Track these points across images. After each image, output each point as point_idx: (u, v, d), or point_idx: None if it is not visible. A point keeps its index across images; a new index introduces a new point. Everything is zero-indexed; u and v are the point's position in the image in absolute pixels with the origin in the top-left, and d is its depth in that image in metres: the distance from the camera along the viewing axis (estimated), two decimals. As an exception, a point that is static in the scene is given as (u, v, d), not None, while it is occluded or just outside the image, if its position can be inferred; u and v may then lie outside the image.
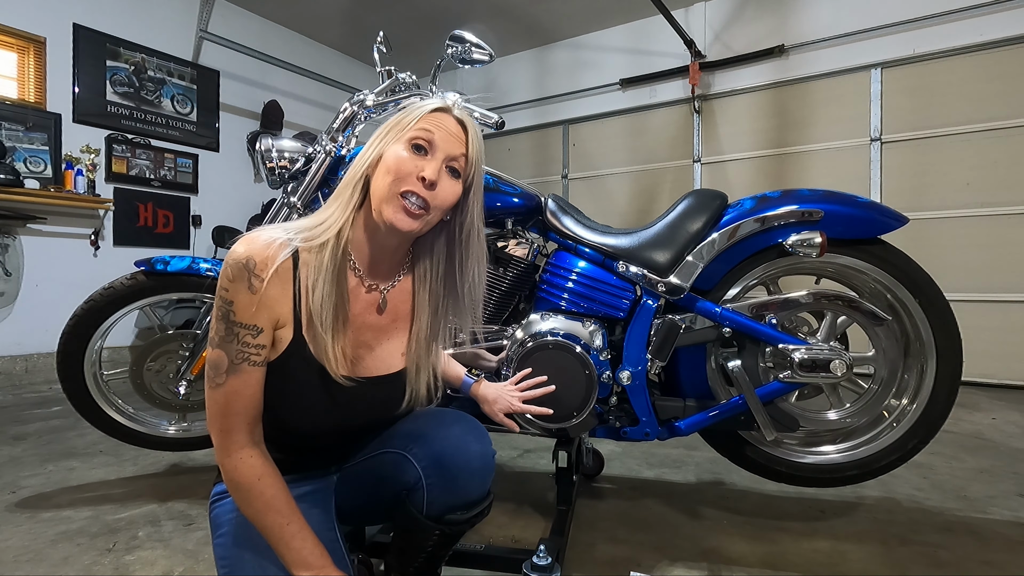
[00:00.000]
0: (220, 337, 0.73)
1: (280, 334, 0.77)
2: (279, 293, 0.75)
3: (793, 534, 1.37)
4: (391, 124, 0.80)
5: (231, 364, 0.73)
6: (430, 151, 0.78)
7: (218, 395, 0.74)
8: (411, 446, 0.84)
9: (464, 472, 0.82)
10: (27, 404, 2.74)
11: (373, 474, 0.88)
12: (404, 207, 0.75)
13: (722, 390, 1.40)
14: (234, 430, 0.74)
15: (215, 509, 0.85)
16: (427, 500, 0.82)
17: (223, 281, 0.73)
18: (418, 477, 0.82)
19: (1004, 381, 3.31)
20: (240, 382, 0.74)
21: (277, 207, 1.57)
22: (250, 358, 0.74)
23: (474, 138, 0.81)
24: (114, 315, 1.60)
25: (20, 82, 3.46)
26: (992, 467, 1.86)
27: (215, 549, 0.82)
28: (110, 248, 3.82)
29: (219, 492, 0.86)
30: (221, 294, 0.73)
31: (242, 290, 0.73)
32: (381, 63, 1.63)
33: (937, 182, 3.54)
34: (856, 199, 1.30)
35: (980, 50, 3.42)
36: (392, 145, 0.78)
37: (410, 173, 0.76)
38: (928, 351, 1.32)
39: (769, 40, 4.08)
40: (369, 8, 4.61)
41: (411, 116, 0.79)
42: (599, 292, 1.34)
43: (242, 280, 0.72)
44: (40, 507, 1.50)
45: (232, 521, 0.81)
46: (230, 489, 0.75)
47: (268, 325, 0.75)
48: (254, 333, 0.74)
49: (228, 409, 0.74)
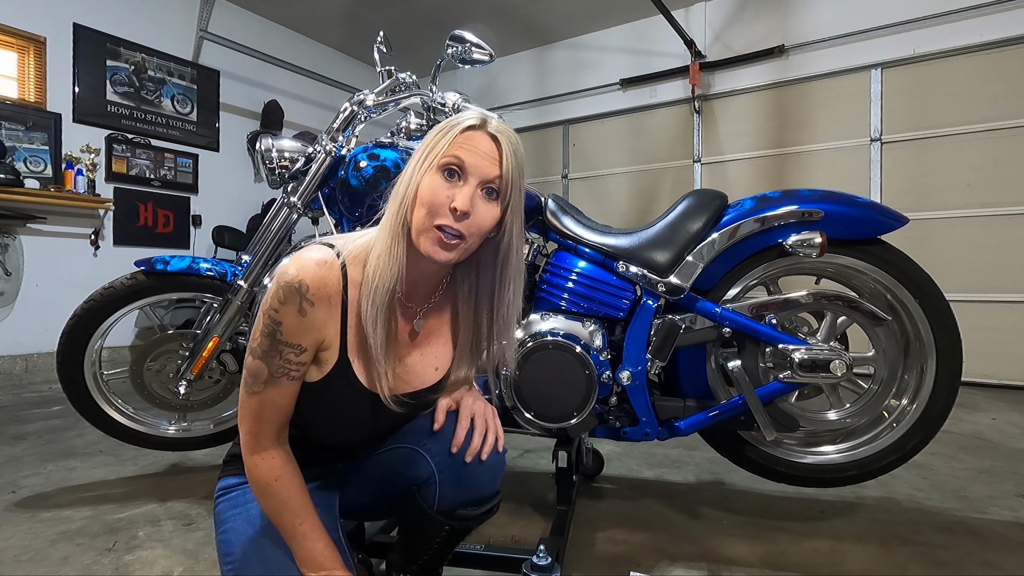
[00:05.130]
0: (263, 351, 0.75)
1: (324, 355, 0.79)
2: (327, 316, 0.77)
3: (793, 534, 1.37)
4: (425, 149, 0.77)
5: (270, 376, 0.75)
6: (463, 176, 0.76)
7: (253, 401, 0.76)
8: (424, 441, 0.85)
9: (476, 469, 0.83)
10: (27, 404, 2.74)
11: (384, 468, 0.89)
12: (439, 240, 0.74)
13: (722, 390, 1.40)
14: (262, 434, 0.77)
15: (219, 504, 0.85)
16: (439, 495, 0.83)
17: (273, 301, 0.74)
18: (431, 472, 0.83)
19: (1004, 381, 3.31)
20: (277, 394, 0.76)
21: (277, 207, 1.57)
22: (290, 373, 0.76)
23: (509, 156, 0.77)
24: (114, 315, 1.60)
25: (20, 82, 3.46)
26: (992, 467, 1.86)
27: (219, 545, 0.82)
28: (110, 248, 3.82)
29: (224, 487, 0.86)
30: (270, 314, 0.74)
31: (291, 312, 0.73)
32: (381, 63, 1.63)
33: (937, 182, 3.54)
34: (856, 199, 1.30)
35: (980, 50, 3.43)
36: (426, 174, 0.76)
37: (443, 204, 0.74)
38: (928, 351, 1.32)
39: (769, 40, 4.08)
40: (369, 8, 4.61)
41: (443, 140, 0.76)
42: (599, 292, 1.34)
43: (293, 303, 0.73)
44: (40, 507, 1.50)
45: (237, 517, 0.82)
46: (251, 484, 0.78)
47: (312, 345, 0.77)
48: (297, 352, 0.75)
49: (260, 416, 0.76)
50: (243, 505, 0.83)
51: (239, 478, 0.85)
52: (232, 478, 0.87)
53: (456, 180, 0.76)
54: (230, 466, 0.88)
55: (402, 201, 0.76)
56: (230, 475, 0.87)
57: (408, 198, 0.76)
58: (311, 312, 0.74)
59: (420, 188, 0.75)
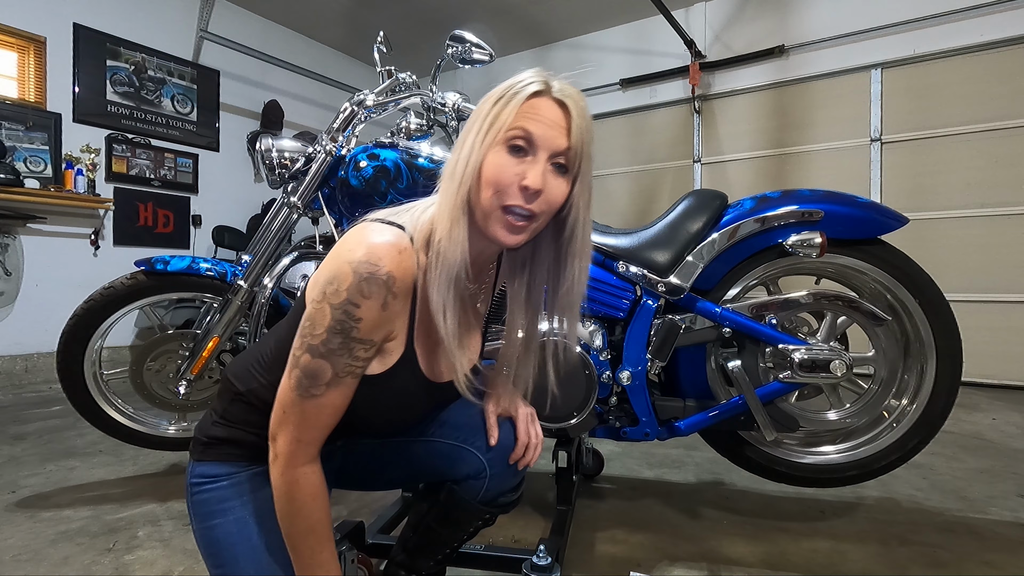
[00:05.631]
0: (329, 349, 0.66)
1: (388, 346, 0.73)
2: (402, 307, 0.71)
3: (793, 534, 1.37)
4: (484, 121, 0.69)
5: (334, 376, 0.68)
6: (531, 151, 0.68)
7: (310, 406, 0.68)
8: (472, 439, 0.86)
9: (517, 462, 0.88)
10: (27, 404, 2.74)
11: (421, 458, 0.89)
12: (508, 223, 0.68)
13: (722, 390, 1.40)
14: (311, 443, 0.70)
15: (201, 494, 0.77)
16: (486, 488, 0.86)
17: (354, 295, 0.65)
18: (482, 468, 0.86)
19: (1004, 381, 3.31)
20: (338, 394, 0.69)
21: (277, 207, 1.57)
22: (355, 371, 0.69)
23: (578, 122, 0.69)
24: (114, 315, 1.60)
25: (20, 82, 3.46)
26: (992, 467, 1.86)
27: (201, 539, 0.76)
28: (110, 248, 3.82)
29: (207, 475, 0.77)
30: (348, 309, 0.65)
31: (375, 307, 0.66)
32: (381, 63, 1.63)
33: (937, 182, 3.54)
34: (856, 199, 1.30)
35: (980, 50, 3.42)
36: (490, 150, 0.68)
37: (511, 183, 0.67)
38: (928, 351, 1.32)
39: (769, 40, 4.08)
40: (369, 8, 4.61)
41: (506, 111, 0.68)
42: (599, 292, 1.34)
43: (379, 298, 0.66)
44: (40, 507, 1.50)
45: (230, 513, 0.75)
46: (282, 501, 0.70)
47: (382, 339, 0.71)
48: (367, 347, 0.69)
49: (315, 421, 0.69)
50: (237, 499, 0.76)
51: (229, 466, 0.77)
52: (220, 465, 0.77)
53: (523, 156, 0.68)
54: (214, 450, 0.78)
55: (462, 180, 0.68)
56: (215, 460, 0.78)
57: (470, 177, 0.68)
58: (392, 305, 0.67)
59: (484, 166, 0.67)
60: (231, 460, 0.78)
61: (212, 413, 0.80)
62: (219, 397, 0.81)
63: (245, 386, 0.78)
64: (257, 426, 0.76)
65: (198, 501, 0.77)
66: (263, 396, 0.76)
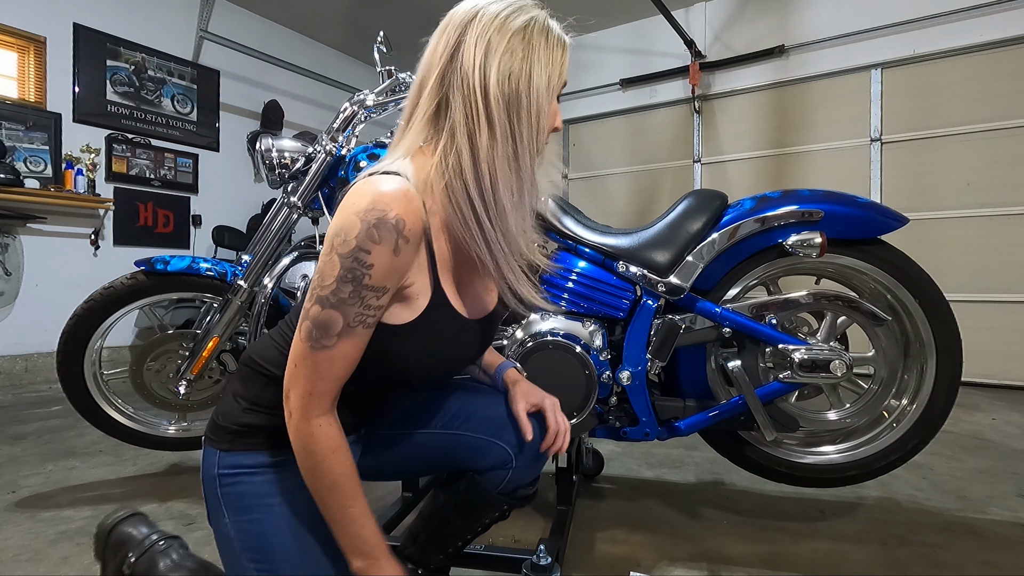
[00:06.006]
0: (340, 299, 0.65)
1: (409, 291, 0.72)
2: (415, 252, 0.69)
3: (793, 534, 1.37)
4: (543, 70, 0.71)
5: (346, 326, 0.66)
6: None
7: (321, 357, 0.66)
8: (502, 433, 0.87)
9: (541, 457, 0.90)
10: (27, 404, 2.74)
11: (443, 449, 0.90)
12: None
13: (722, 390, 1.40)
14: (324, 394, 0.68)
15: (238, 486, 0.73)
16: (509, 479, 0.88)
17: (363, 242, 0.63)
18: (508, 459, 0.87)
19: (1004, 381, 3.31)
20: (351, 345, 0.67)
21: (277, 207, 1.57)
22: (367, 320, 0.67)
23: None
24: (114, 315, 1.61)
25: (20, 82, 3.46)
26: (992, 467, 1.86)
27: (239, 532, 0.73)
28: (110, 248, 3.82)
29: (242, 465, 0.74)
30: (359, 256, 0.64)
31: (387, 253, 0.64)
32: (381, 63, 1.63)
33: (937, 182, 3.54)
34: (856, 199, 1.30)
35: (980, 50, 3.42)
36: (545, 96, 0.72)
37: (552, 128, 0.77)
38: (928, 351, 1.32)
39: (769, 40, 4.08)
40: (369, 8, 4.61)
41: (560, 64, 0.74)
42: (599, 292, 1.34)
43: (390, 242, 0.64)
44: (40, 507, 1.50)
45: (273, 506, 0.73)
46: (301, 456, 0.68)
47: (395, 286, 0.69)
48: (379, 294, 0.67)
49: (327, 373, 0.67)
50: (282, 495, 0.73)
51: (266, 455, 0.74)
52: (255, 454, 0.74)
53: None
54: (247, 439, 0.75)
55: (538, 126, 0.72)
56: (248, 450, 0.74)
57: (545, 125, 0.73)
58: (404, 250, 0.66)
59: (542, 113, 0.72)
60: (267, 449, 0.74)
61: (239, 400, 0.77)
62: (244, 384, 0.78)
63: (281, 369, 0.73)
64: None
65: (234, 493, 0.74)
66: None
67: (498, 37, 0.69)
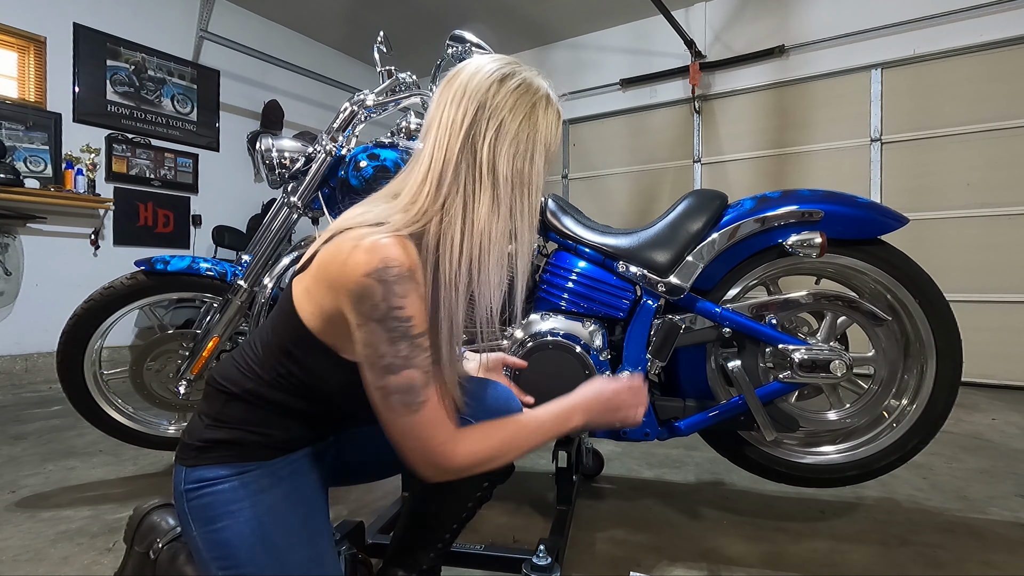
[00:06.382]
0: (403, 358, 0.67)
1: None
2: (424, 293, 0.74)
3: (793, 534, 1.37)
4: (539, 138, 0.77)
5: (423, 375, 0.69)
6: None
7: (425, 412, 0.69)
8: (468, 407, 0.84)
9: None
10: (27, 404, 2.74)
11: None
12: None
13: (722, 390, 1.40)
14: (444, 431, 0.71)
15: (202, 498, 0.74)
16: None
17: (391, 300, 0.66)
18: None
19: (1004, 381, 3.31)
20: (434, 387, 0.71)
21: (277, 207, 1.57)
22: (430, 358, 0.71)
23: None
24: (114, 315, 1.61)
25: (20, 82, 3.46)
26: (992, 468, 1.86)
27: (206, 543, 0.74)
28: (110, 248, 3.82)
29: (206, 479, 0.75)
30: (394, 314, 0.66)
31: (415, 300, 0.68)
32: (381, 63, 1.63)
33: (937, 182, 3.54)
34: (856, 199, 1.30)
35: (980, 50, 3.42)
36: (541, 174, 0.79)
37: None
38: (928, 351, 1.32)
39: (769, 40, 4.08)
40: (369, 8, 4.61)
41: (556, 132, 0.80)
42: (599, 292, 1.34)
43: (413, 290, 0.67)
44: (40, 507, 1.50)
45: (236, 513, 0.74)
46: (484, 466, 0.73)
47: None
48: (426, 336, 0.70)
49: (438, 418, 0.70)
50: (245, 500, 0.74)
51: (229, 468, 0.75)
52: (219, 467, 0.75)
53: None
54: (210, 453, 0.76)
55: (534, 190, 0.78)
56: (212, 464, 0.75)
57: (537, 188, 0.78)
58: (423, 292, 0.70)
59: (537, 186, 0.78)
60: (230, 461, 0.76)
61: (203, 418, 0.78)
62: (207, 401, 0.80)
63: (240, 387, 0.77)
64: (257, 424, 0.76)
65: (199, 505, 0.75)
66: (262, 393, 0.77)
67: (510, 118, 0.75)
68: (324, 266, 0.70)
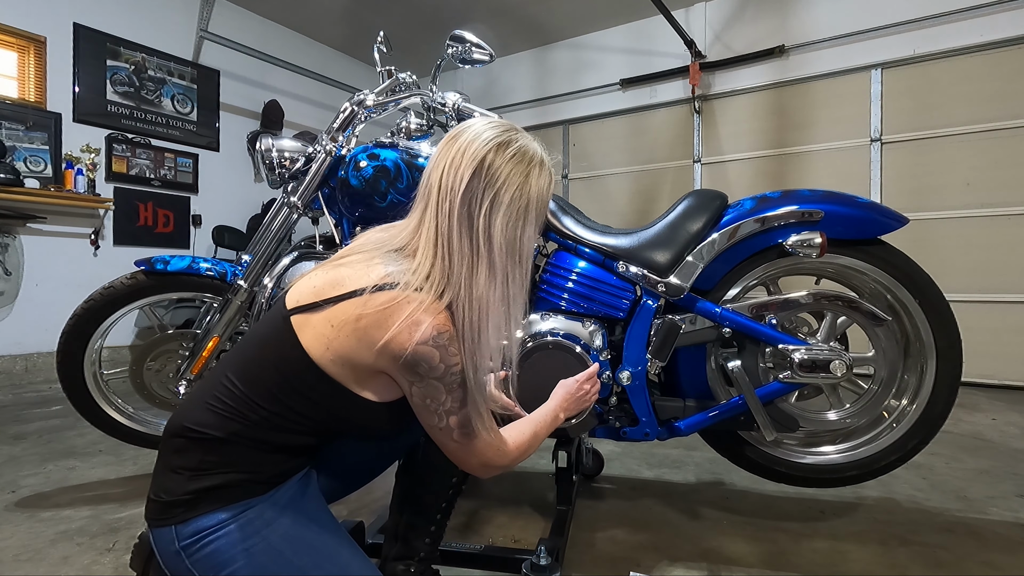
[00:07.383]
0: (461, 399, 0.78)
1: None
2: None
3: (793, 534, 1.37)
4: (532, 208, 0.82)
5: (475, 406, 0.80)
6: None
7: (484, 435, 0.82)
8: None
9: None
10: (27, 404, 2.74)
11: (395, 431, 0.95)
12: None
13: (722, 390, 1.40)
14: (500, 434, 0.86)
15: (205, 547, 0.72)
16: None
17: (446, 359, 0.75)
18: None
19: (1004, 381, 3.31)
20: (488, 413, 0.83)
21: (277, 207, 1.57)
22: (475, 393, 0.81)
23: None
24: (114, 315, 1.61)
25: (20, 81, 3.46)
26: (992, 468, 1.86)
27: None
28: (110, 248, 3.82)
29: (205, 528, 0.72)
30: (450, 370, 0.76)
31: (457, 353, 0.77)
32: (381, 63, 1.63)
33: (937, 182, 3.54)
34: (856, 199, 1.30)
35: (980, 50, 3.42)
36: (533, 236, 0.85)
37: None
38: (928, 351, 1.31)
39: (769, 40, 4.08)
40: (369, 8, 4.61)
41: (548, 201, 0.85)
42: (599, 292, 1.34)
43: (457, 347, 0.77)
44: (40, 506, 1.50)
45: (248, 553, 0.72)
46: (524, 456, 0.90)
47: None
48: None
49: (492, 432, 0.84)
50: (253, 537, 0.73)
51: (228, 510, 0.73)
52: (215, 514, 0.72)
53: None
54: (202, 503, 0.72)
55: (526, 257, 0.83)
56: (207, 513, 0.72)
57: (528, 254, 0.83)
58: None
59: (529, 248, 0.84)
60: (227, 503, 0.73)
61: (181, 472, 0.73)
62: (182, 455, 0.74)
63: (223, 430, 0.74)
64: (247, 463, 0.74)
65: (203, 557, 0.72)
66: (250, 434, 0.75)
67: (504, 188, 0.79)
68: (363, 328, 0.73)
